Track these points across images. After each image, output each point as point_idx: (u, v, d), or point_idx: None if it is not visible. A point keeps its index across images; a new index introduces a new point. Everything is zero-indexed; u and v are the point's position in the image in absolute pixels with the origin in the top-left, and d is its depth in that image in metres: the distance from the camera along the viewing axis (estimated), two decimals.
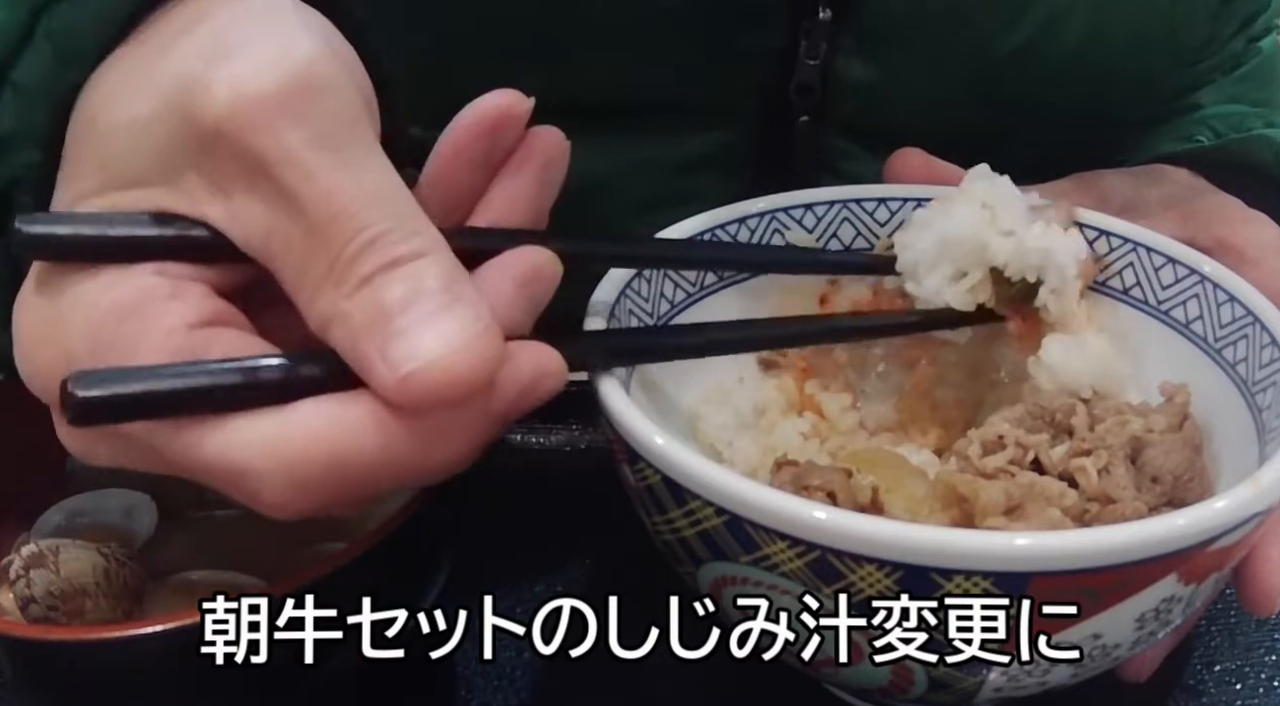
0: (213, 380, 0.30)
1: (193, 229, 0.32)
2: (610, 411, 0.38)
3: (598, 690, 0.46)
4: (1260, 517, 0.35)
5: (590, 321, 0.43)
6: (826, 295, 0.52)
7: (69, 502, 0.47)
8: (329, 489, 0.30)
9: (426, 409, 0.30)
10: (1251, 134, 0.61)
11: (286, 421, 0.30)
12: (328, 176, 0.30)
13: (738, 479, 0.35)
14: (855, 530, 0.33)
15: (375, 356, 0.30)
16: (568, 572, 0.51)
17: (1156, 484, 0.42)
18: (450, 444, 0.31)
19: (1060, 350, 0.46)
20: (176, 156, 0.32)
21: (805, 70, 0.59)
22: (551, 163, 0.37)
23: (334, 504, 0.31)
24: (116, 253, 0.32)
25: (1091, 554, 0.33)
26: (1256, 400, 0.42)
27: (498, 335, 0.31)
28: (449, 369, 0.29)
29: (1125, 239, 0.48)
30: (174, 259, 0.32)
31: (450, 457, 0.32)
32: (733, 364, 0.51)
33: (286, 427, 0.30)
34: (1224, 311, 0.45)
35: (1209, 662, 0.47)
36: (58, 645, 0.36)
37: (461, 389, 0.30)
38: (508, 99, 0.36)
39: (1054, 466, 0.42)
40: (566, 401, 0.40)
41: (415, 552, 0.41)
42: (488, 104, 0.36)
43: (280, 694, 0.40)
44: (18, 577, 0.41)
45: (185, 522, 0.47)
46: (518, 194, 0.37)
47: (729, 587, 0.37)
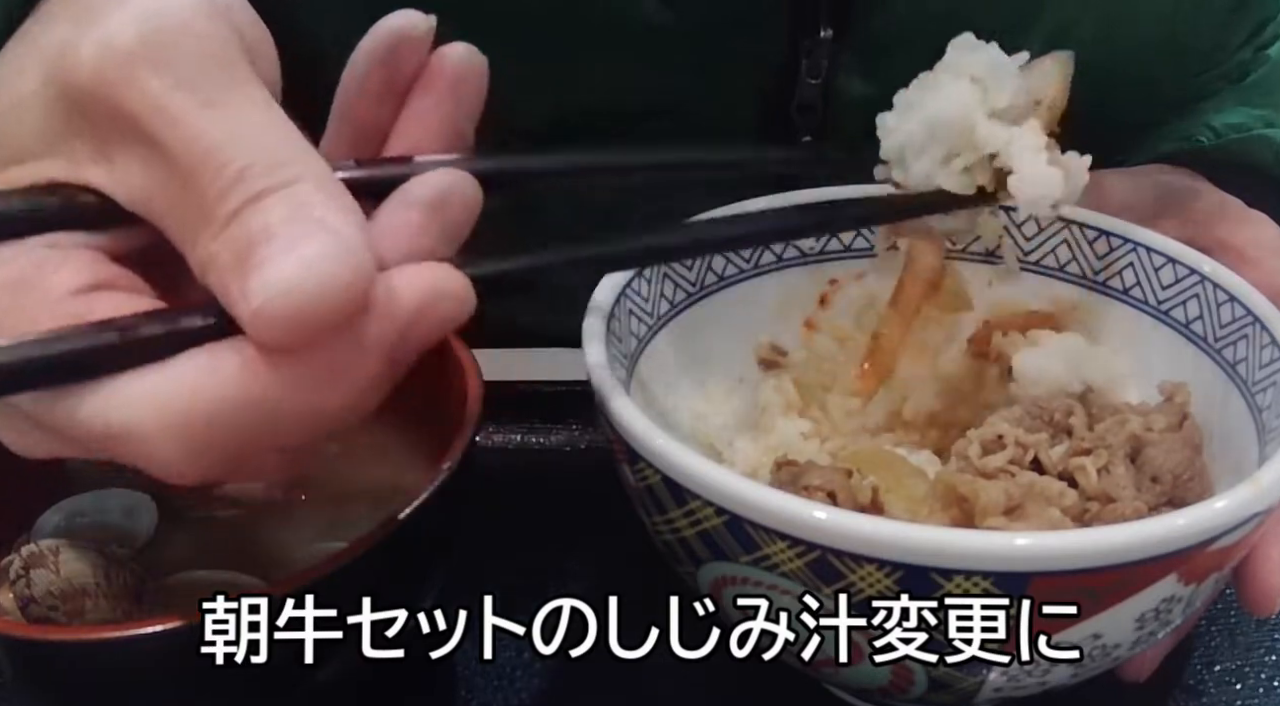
0: (89, 342, 0.29)
1: (81, 196, 0.32)
2: (610, 411, 0.38)
3: (598, 690, 0.46)
4: (1260, 517, 0.35)
5: (590, 320, 0.43)
6: (826, 295, 0.52)
7: (69, 502, 0.47)
8: (222, 443, 0.29)
9: (288, 343, 0.28)
10: (1251, 134, 0.61)
11: (165, 377, 0.29)
12: (193, 119, 0.29)
13: (738, 479, 0.35)
14: (855, 530, 0.33)
15: (238, 294, 0.28)
16: (568, 572, 0.51)
17: (1156, 483, 0.42)
18: (339, 383, 0.29)
19: (1032, 360, 0.46)
20: (59, 126, 0.31)
21: (807, 89, 0.58)
22: (462, 80, 0.35)
23: (236, 460, 0.30)
24: (11, 228, 0.31)
25: (1091, 554, 0.33)
26: (1256, 400, 0.42)
27: (359, 258, 0.29)
28: (298, 296, 0.28)
29: (1125, 239, 0.48)
30: (67, 229, 0.31)
31: (346, 398, 0.30)
32: (733, 364, 0.51)
33: (166, 383, 0.29)
34: (1224, 311, 0.45)
35: (1209, 662, 0.47)
36: (58, 645, 0.36)
37: (315, 316, 0.28)
38: (403, 20, 0.34)
39: (1054, 466, 0.42)
40: (566, 401, 0.40)
41: (415, 552, 0.41)
42: (383, 28, 0.34)
43: (280, 694, 0.40)
44: (18, 577, 0.41)
45: (185, 522, 0.47)
46: (428, 114, 0.35)
47: (729, 587, 0.37)
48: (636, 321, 0.46)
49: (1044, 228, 0.50)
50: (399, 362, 0.31)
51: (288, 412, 0.29)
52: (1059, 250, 0.50)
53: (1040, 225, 0.50)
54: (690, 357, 0.49)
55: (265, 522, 0.47)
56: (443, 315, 0.31)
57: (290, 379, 0.29)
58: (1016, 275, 0.51)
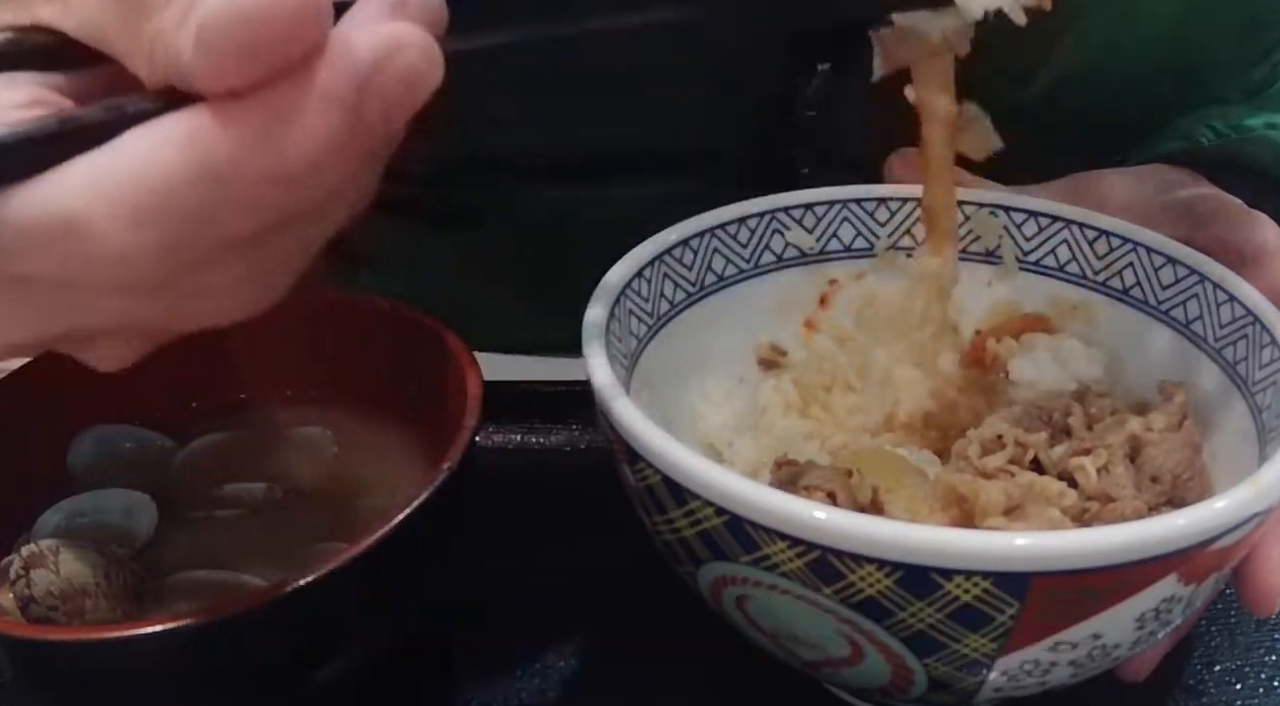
0: (27, 130, 0.27)
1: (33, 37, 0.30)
2: (610, 411, 0.38)
3: (598, 690, 0.46)
4: (1260, 517, 0.35)
5: (590, 321, 0.43)
6: (826, 295, 0.52)
7: (69, 502, 0.47)
8: (178, 222, 0.27)
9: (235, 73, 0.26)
10: (1252, 135, 0.61)
11: (111, 156, 0.27)
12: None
13: (738, 479, 0.35)
14: (855, 530, 0.33)
15: (184, 40, 0.27)
16: (568, 572, 0.51)
17: (1156, 483, 0.42)
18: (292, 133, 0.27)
19: (1028, 365, 0.46)
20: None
21: (804, 120, 0.58)
22: None
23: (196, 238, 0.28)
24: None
25: (1091, 554, 0.33)
26: (1256, 400, 0.42)
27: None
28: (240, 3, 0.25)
29: (1125, 239, 0.48)
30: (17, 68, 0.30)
31: (305, 156, 0.27)
32: (733, 364, 0.51)
33: (111, 162, 0.27)
34: (1224, 311, 0.45)
35: (1209, 662, 0.47)
36: (58, 645, 0.36)
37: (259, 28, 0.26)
38: None
39: (1053, 466, 0.42)
40: (566, 401, 0.40)
41: (414, 553, 0.41)
42: None
43: (280, 694, 0.40)
44: (18, 577, 0.41)
45: (185, 522, 0.47)
46: None
47: (729, 587, 0.37)
48: (636, 321, 0.46)
49: (1044, 228, 0.50)
50: (370, 127, 0.28)
51: (244, 176, 0.27)
52: (1059, 250, 0.50)
53: (1040, 225, 0.50)
54: (690, 358, 0.49)
55: (265, 522, 0.47)
56: (405, 66, 0.28)
57: (239, 134, 0.27)
58: (1016, 275, 0.51)
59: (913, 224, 0.51)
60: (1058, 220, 0.50)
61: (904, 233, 0.51)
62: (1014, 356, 0.48)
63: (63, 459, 0.50)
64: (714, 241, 0.50)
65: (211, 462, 0.50)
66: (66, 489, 0.48)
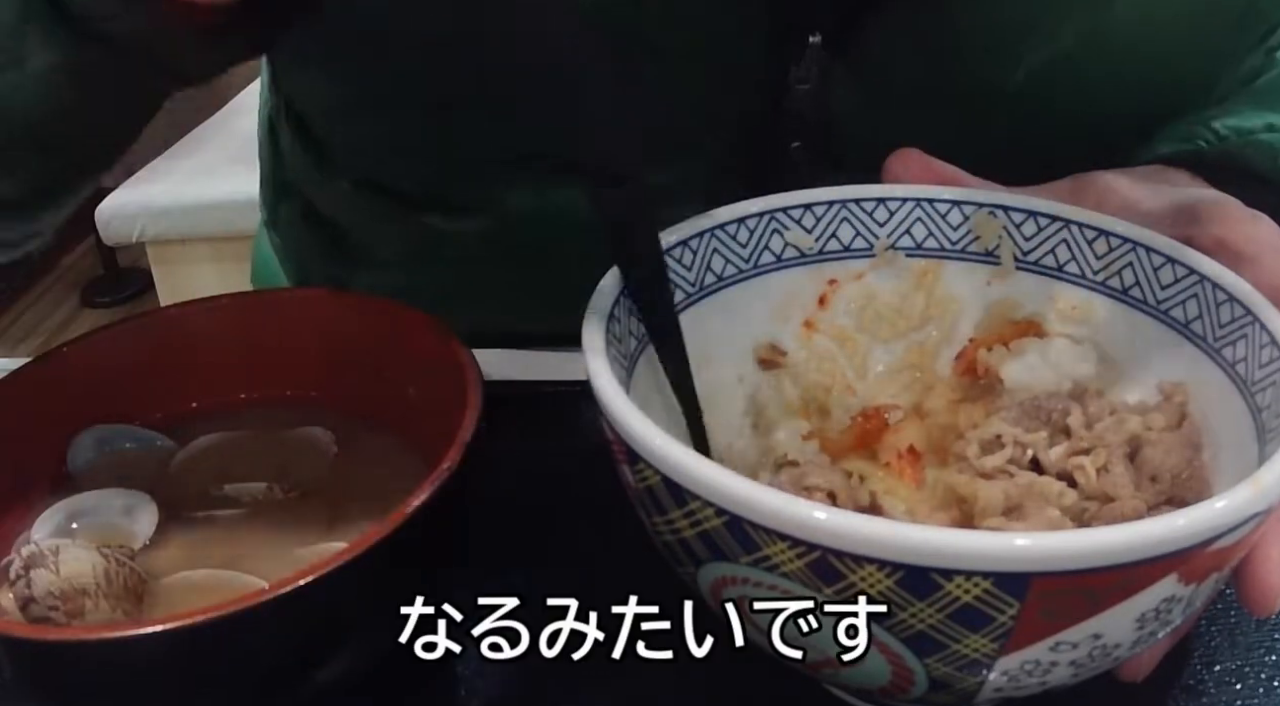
0: None
1: None
2: (610, 411, 0.38)
3: (598, 690, 0.46)
4: (1260, 517, 0.35)
5: (589, 321, 0.43)
6: (826, 295, 0.52)
7: (69, 502, 0.47)
8: None
9: None
10: (1251, 139, 0.61)
11: None
12: None
13: (738, 479, 0.35)
14: (855, 530, 0.33)
15: None
16: (568, 572, 0.51)
17: (1155, 482, 0.42)
18: None
19: (1020, 369, 0.46)
20: None
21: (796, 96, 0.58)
22: None
23: None
24: None
25: (1091, 554, 0.33)
26: (1256, 400, 0.42)
27: None
28: None
29: (1125, 239, 0.48)
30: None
31: None
32: (732, 364, 0.51)
33: None
34: (1223, 311, 0.45)
35: (1209, 662, 0.47)
36: (58, 645, 0.36)
37: None
38: None
39: (1052, 466, 0.42)
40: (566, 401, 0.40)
41: (414, 553, 0.41)
42: None
43: (280, 694, 0.40)
44: (18, 577, 0.41)
45: (185, 522, 0.47)
46: None
47: (729, 588, 0.37)
48: (636, 321, 0.46)
49: (1043, 228, 0.50)
50: None
51: None
52: (1058, 250, 0.50)
53: (1039, 225, 0.50)
54: (689, 357, 0.49)
55: (265, 522, 0.47)
56: None
57: None
58: (1015, 275, 0.51)
59: (913, 224, 0.51)
60: (1057, 220, 0.50)
61: (904, 233, 0.51)
62: (1005, 362, 0.48)
63: (63, 459, 0.50)
64: (713, 242, 0.50)
65: (211, 462, 0.50)
66: (66, 489, 0.48)
